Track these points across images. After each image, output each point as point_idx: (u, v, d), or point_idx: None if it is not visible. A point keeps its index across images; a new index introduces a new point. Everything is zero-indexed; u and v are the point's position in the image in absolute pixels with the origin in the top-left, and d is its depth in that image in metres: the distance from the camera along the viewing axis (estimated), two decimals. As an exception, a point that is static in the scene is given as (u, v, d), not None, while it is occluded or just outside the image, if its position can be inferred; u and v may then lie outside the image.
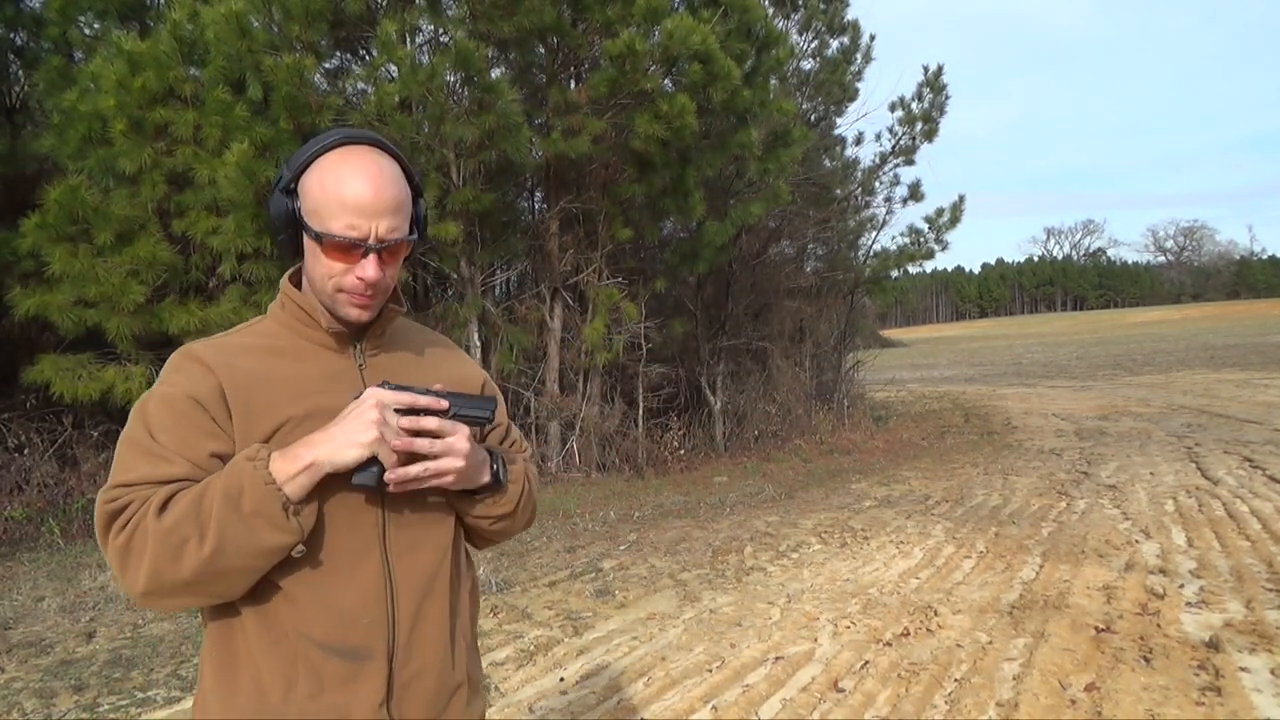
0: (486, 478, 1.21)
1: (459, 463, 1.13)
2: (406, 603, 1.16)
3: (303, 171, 1.14)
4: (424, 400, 1.12)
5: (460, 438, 1.13)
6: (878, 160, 12.72)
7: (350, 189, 1.10)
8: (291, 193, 1.15)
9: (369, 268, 1.11)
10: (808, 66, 11.85)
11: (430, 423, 1.11)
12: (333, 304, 1.16)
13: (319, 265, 1.14)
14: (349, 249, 1.11)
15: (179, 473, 1.06)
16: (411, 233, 1.17)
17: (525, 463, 1.39)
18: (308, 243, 1.15)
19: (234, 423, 1.10)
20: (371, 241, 1.11)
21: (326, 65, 7.95)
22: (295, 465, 1.05)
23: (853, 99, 12.52)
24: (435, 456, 1.11)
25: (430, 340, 1.37)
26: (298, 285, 1.23)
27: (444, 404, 1.13)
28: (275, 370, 1.15)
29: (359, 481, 1.08)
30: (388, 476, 1.08)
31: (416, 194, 1.20)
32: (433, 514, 1.21)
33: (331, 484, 1.08)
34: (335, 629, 1.11)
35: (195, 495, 1.04)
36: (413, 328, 1.35)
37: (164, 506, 1.03)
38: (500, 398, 1.40)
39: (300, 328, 1.19)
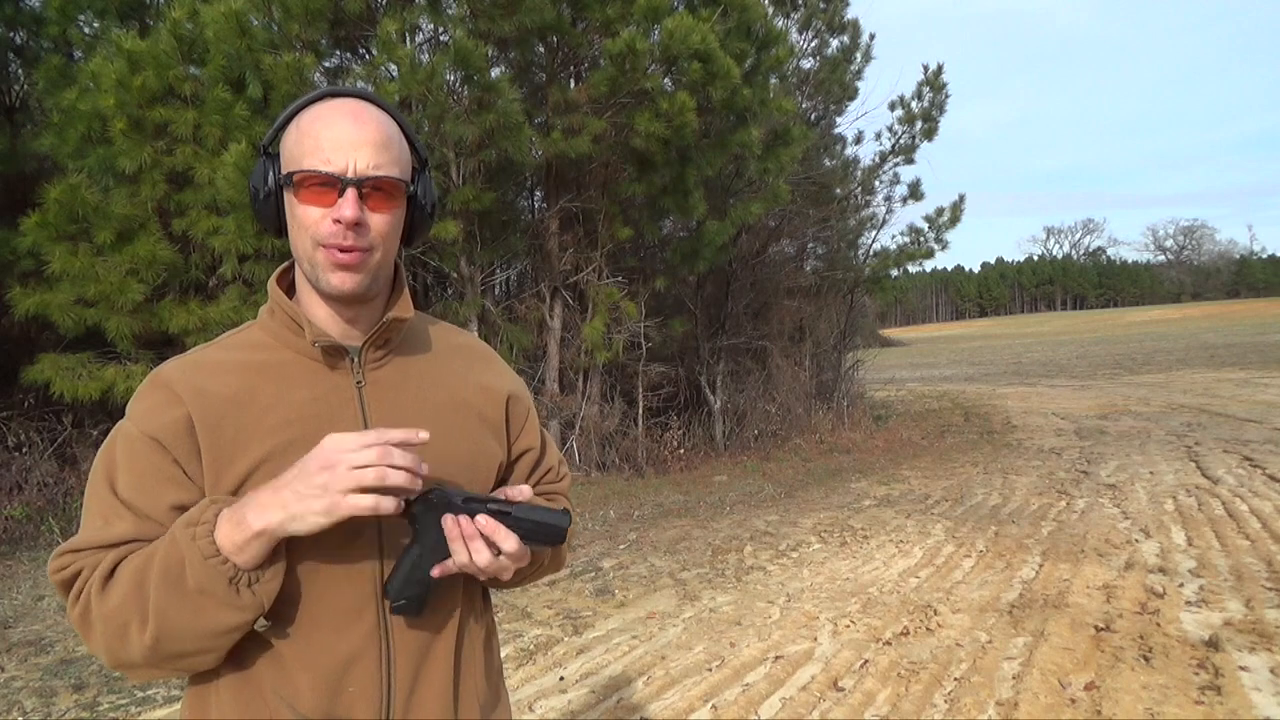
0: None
1: (507, 576, 1.02)
2: (404, 665, 1.01)
3: (284, 128, 1.00)
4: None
5: (514, 543, 0.97)
6: (877, 159, 12.74)
7: (327, 124, 0.95)
8: (270, 155, 1.01)
9: (346, 206, 0.93)
10: (808, 65, 11.86)
11: (508, 541, 0.97)
12: (313, 271, 0.98)
13: (295, 218, 0.97)
14: (324, 184, 0.94)
15: (127, 531, 0.93)
16: (413, 183, 1.02)
17: (561, 501, 1.23)
18: (288, 202, 0.99)
19: (204, 462, 0.95)
20: (350, 175, 0.94)
21: (326, 64, 7.95)
22: (242, 534, 0.88)
23: (853, 98, 12.54)
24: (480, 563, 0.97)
25: (452, 344, 1.16)
26: (293, 288, 1.08)
27: (508, 540, 0.97)
28: (256, 394, 0.98)
29: (399, 611, 0.98)
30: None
31: (421, 163, 1.06)
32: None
33: (329, 532, 0.91)
34: (320, 697, 0.96)
35: (138, 568, 0.90)
36: (429, 328, 1.15)
37: (110, 577, 0.91)
38: (549, 440, 1.25)
39: (289, 337, 1.02)
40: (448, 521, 0.94)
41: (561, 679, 3.56)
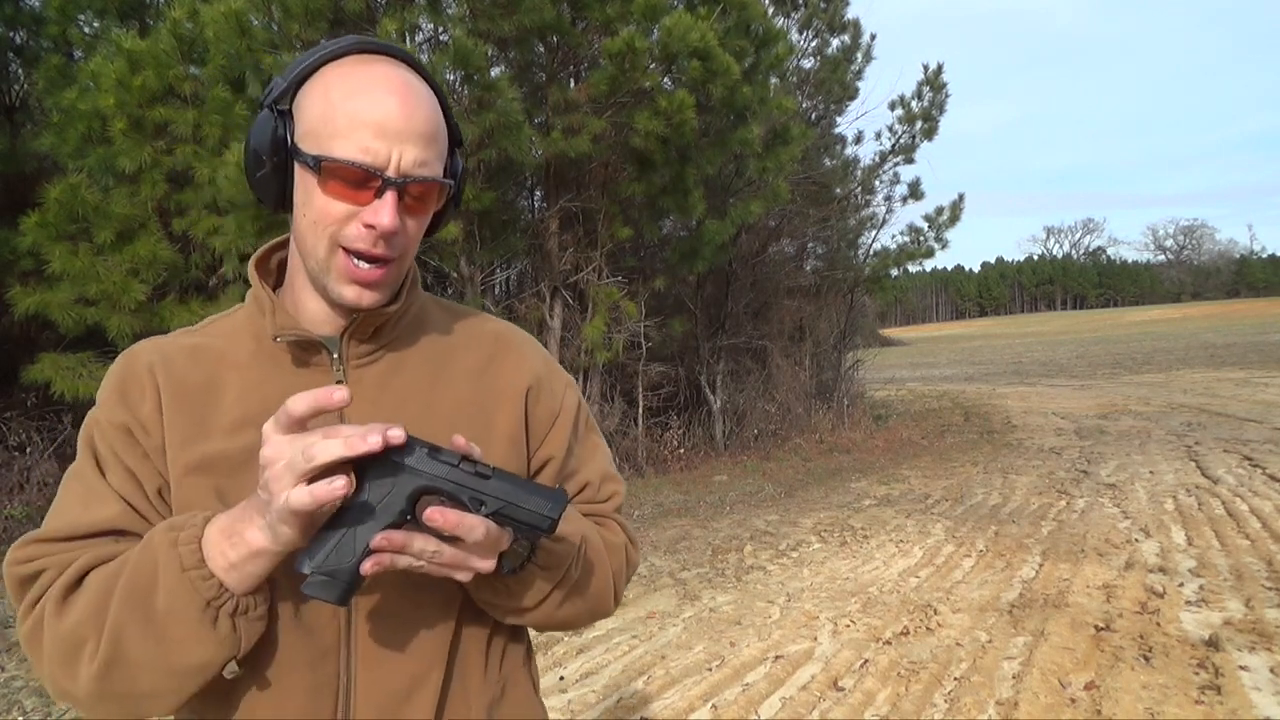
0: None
1: (482, 565, 0.75)
2: None
3: (302, 84, 0.81)
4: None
5: (482, 531, 0.73)
6: (878, 159, 12.74)
7: (369, 102, 0.76)
8: (284, 114, 0.80)
9: (384, 211, 0.76)
10: (808, 65, 11.86)
11: (457, 520, 0.71)
12: (323, 275, 0.81)
13: (311, 209, 0.79)
14: (359, 181, 0.77)
15: (110, 517, 0.78)
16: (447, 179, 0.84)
17: (597, 526, 0.94)
18: (300, 180, 0.80)
19: (168, 458, 0.80)
20: (391, 173, 0.77)
21: (326, 64, 7.95)
22: (236, 550, 0.71)
23: (853, 97, 12.54)
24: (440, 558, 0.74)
25: (473, 335, 0.95)
26: (283, 268, 0.90)
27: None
28: (222, 387, 0.84)
29: (311, 592, 0.71)
30: (366, 568, 0.71)
31: (455, 143, 0.87)
32: (430, 596, 0.84)
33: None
34: None
35: (108, 576, 0.74)
36: (448, 317, 0.96)
37: (74, 588, 0.75)
38: (592, 447, 0.99)
39: (266, 326, 0.87)
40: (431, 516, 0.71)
41: (561, 679, 3.56)
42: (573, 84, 8.54)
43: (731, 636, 3.98)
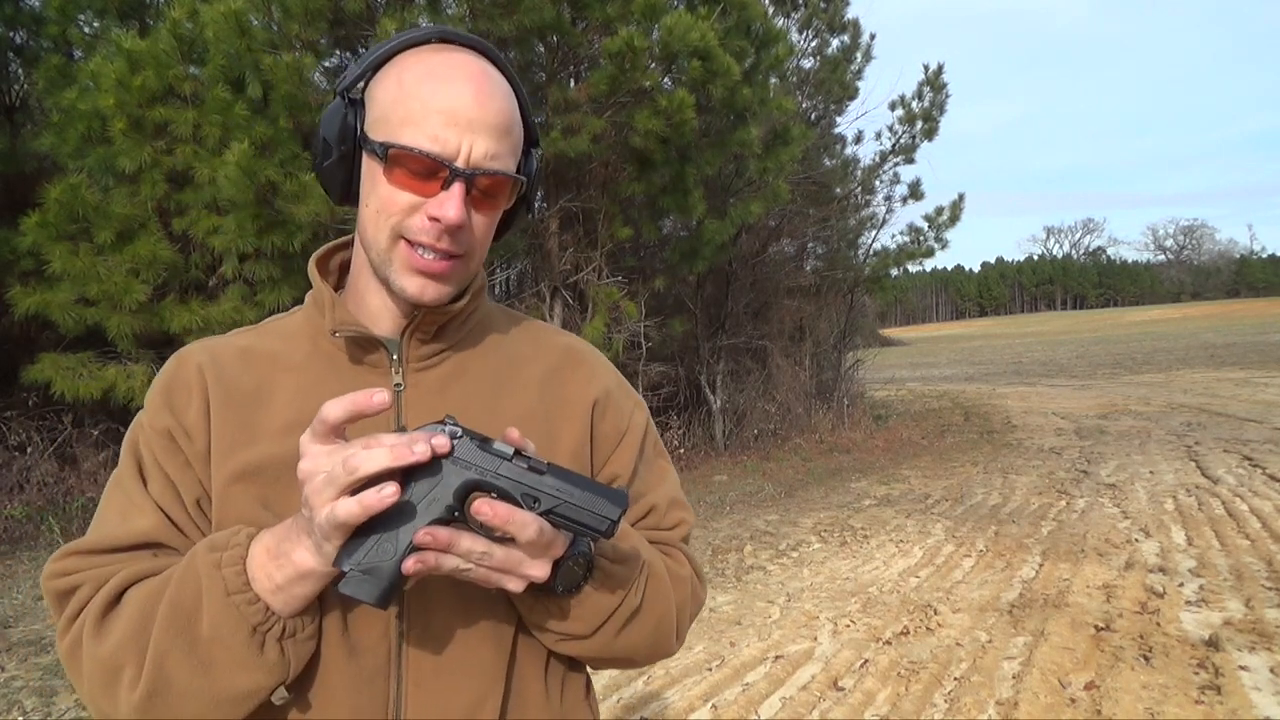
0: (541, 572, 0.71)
1: (536, 571, 0.70)
2: None
3: (376, 70, 0.79)
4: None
5: (535, 528, 0.67)
6: (878, 159, 12.74)
7: (443, 89, 0.74)
8: (355, 102, 0.78)
9: (449, 204, 0.73)
10: (808, 65, 11.87)
11: (508, 514, 0.66)
12: (385, 267, 0.78)
13: (376, 197, 0.76)
14: (427, 171, 0.73)
15: (147, 530, 0.76)
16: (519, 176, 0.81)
17: (662, 555, 0.88)
18: (367, 168, 0.78)
19: (211, 464, 0.78)
20: (460, 164, 0.74)
21: (326, 63, 7.94)
22: (283, 571, 0.67)
23: (853, 97, 12.54)
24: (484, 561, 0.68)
25: (540, 344, 0.91)
26: (344, 270, 0.88)
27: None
28: (274, 390, 0.80)
29: (349, 591, 0.66)
30: (408, 566, 0.65)
31: (530, 143, 0.84)
32: (484, 615, 0.79)
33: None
34: None
35: (148, 595, 0.71)
36: (504, 322, 0.92)
37: (114, 605, 0.72)
38: (659, 469, 0.93)
39: (324, 325, 0.84)
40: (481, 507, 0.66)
41: (561, 678, 3.56)
42: (573, 84, 8.54)
43: (731, 636, 3.98)
